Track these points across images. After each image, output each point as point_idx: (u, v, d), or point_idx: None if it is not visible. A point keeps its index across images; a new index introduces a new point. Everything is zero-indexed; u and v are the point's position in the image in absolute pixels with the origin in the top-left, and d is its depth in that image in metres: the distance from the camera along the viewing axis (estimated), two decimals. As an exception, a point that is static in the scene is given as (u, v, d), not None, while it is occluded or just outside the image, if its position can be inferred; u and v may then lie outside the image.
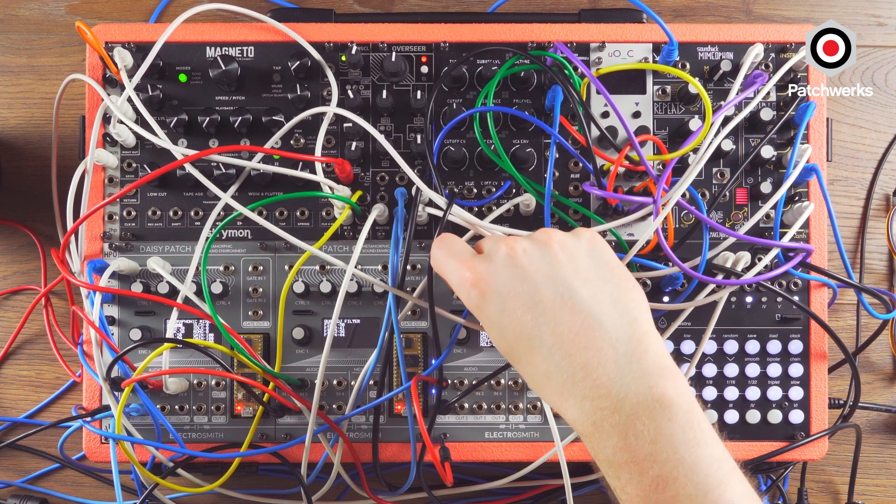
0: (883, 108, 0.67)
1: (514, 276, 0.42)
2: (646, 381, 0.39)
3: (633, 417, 0.38)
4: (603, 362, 0.40)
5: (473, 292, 0.43)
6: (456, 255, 0.45)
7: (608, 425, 0.38)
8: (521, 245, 0.43)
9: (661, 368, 0.40)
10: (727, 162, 0.58)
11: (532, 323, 0.41)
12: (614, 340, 0.40)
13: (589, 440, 0.40)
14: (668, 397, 0.38)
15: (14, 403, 0.66)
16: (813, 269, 0.57)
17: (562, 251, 0.43)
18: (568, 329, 0.40)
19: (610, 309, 0.41)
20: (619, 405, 0.38)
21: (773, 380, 0.58)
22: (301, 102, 0.57)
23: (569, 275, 0.42)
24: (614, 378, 0.39)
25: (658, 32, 0.58)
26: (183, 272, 0.57)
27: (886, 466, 0.67)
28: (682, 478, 0.37)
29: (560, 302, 0.41)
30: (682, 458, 0.37)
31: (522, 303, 0.42)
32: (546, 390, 0.42)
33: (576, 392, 0.40)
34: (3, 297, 0.67)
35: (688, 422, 0.38)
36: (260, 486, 0.63)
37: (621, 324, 0.41)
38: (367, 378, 0.56)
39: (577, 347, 0.40)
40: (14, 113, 0.67)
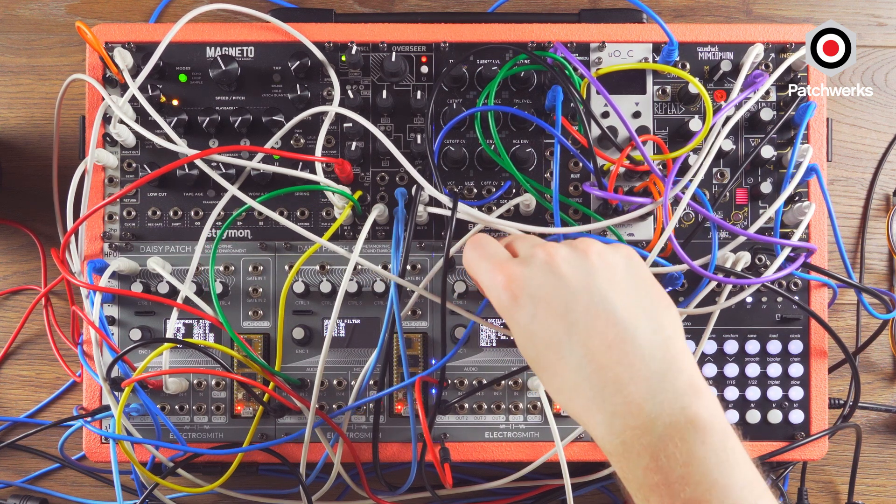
0: (883, 108, 0.67)
1: (550, 283, 0.41)
2: (679, 402, 0.38)
3: (666, 439, 0.37)
4: (635, 379, 0.38)
5: (505, 295, 0.42)
6: (490, 256, 0.44)
7: (639, 445, 0.37)
8: (560, 252, 0.42)
9: (695, 389, 0.38)
10: (727, 162, 0.58)
11: (564, 332, 0.40)
12: (648, 357, 0.39)
13: (617, 459, 0.39)
14: (702, 419, 0.37)
15: (14, 403, 0.66)
16: (813, 269, 0.57)
17: (600, 261, 0.42)
18: (601, 341, 0.39)
19: (645, 324, 0.40)
20: (651, 425, 0.37)
21: (773, 380, 0.58)
22: (301, 102, 0.57)
23: (605, 286, 0.41)
24: (647, 397, 0.38)
25: (658, 32, 0.58)
26: (183, 272, 0.57)
27: (886, 466, 0.67)
28: (715, 501, 0.36)
29: (595, 313, 0.40)
30: (716, 480, 0.36)
31: (555, 310, 0.40)
32: (572, 403, 0.40)
33: (605, 408, 0.38)
34: (3, 297, 0.67)
35: (721, 443, 0.37)
36: (260, 486, 0.63)
37: (655, 340, 0.40)
38: (367, 378, 0.56)
39: (609, 361, 0.39)
40: (14, 113, 0.67)
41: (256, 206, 0.53)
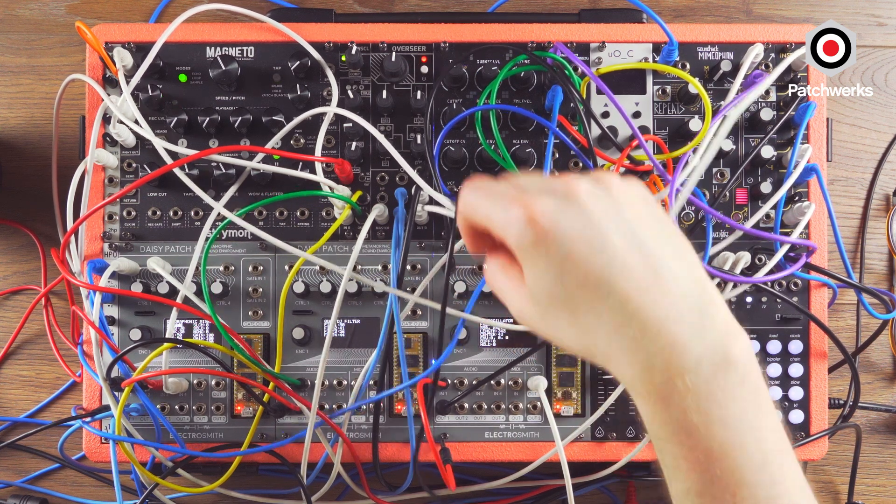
0: (883, 108, 0.67)
1: (578, 217, 0.37)
2: (721, 342, 0.36)
3: (710, 378, 0.35)
4: (679, 317, 0.36)
5: (529, 232, 0.37)
6: (499, 193, 0.39)
7: (682, 385, 0.35)
8: (582, 185, 0.38)
9: (733, 329, 0.37)
10: (727, 162, 0.58)
11: (602, 270, 0.37)
12: (687, 294, 0.37)
13: (653, 402, 0.37)
14: (742, 360, 0.36)
15: (14, 403, 0.66)
16: (813, 268, 0.57)
17: (624, 196, 0.38)
18: (638, 280, 0.36)
19: (677, 261, 0.38)
20: (696, 364, 0.36)
21: (773, 380, 0.58)
22: (301, 102, 0.57)
23: (634, 219, 0.38)
24: (691, 334, 0.36)
25: (658, 32, 0.58)
26: (183, 272, 0.57)
27: (886, 466, 0.67)
28: (750, 445, 0.36)
29: (629, 247, 0.37)
30: (751, 424, 0.36)
31: (590, 248, 0.37)
32: (607, 348, 0.38)
33: (647, 348, 0.36)
34: (3, 297, 0.67)
35: (757, 387, 0.36)
36: (260, 487, 0.63)
37: (690, 279, 0.37)
38: (367, 378, 0.56)
39: (648, 300, 0.36)
40: (14, 113, 0.67)
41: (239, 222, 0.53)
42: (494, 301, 0.58)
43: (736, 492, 0.35)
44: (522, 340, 0.58)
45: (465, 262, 0.58)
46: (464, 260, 0.58)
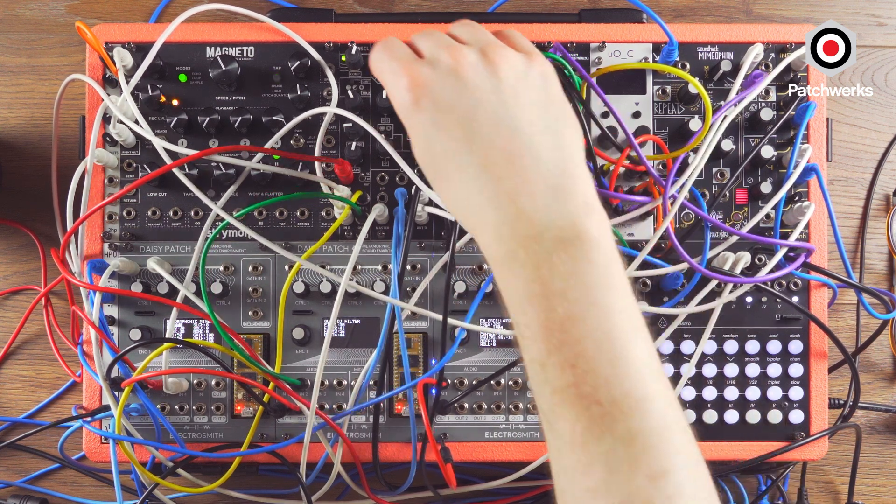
0: (883, 108, 0.67)
1: (454, 90, 0.40)
2: (570, 216, 0.38)
3: (552, 250, 0.37)
4: (530, 191, 0.38)
5: (407, 97, 0.40)
6: (396, 57, 0.42)
7: (524, 255, 0.37)
8: (468, 57, 0.41)
9: (588, 206, 0.39)
10: (727, 162, 0.58)
11: (464, 140, 0.39)
12: (545, 171, 0.39)
13: (500, 269, 0.38)
14: (591, 235, 0.37)
15: (14, 403, 0.66)
16: (813, 268, 0.57)
17: (511, 73, 0.41)
18: (500, 152, 0.39)
19: (547, 139, 0.40)
20: (539, 236, 0.37)
21: (773, 380, 0.58)
22: (301, 102, 0.57)
23: (511, 97, 0.40)
24: (539, 208, 0.38)
25: (658, 32, 0.58)
26: (183, 272, 0.57)
27: (886, 466, 0.67)
28: (592, 320, 0.36)
29: (496, 125, 0.39)
30: (595, 300, 0.36)
31: (457, 118, 0.39)
32: (466, 212, 0.40)
33: (497, 216, 0.38)
34: (3, 297, 0.67)
35: (606, 265, 0.37)
36: (260, 486, 0.63)
37: (555, 156, 0.39)
38: (367, 378, 0.56)
39: (506, 172, 0.38)
40: (14, 113, 0.67)
41: (238, 225, 0.54)
42: (495, 302, 0.58)
43: (575, 364, 0.36)
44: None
45: (466, 262, 0.58)
46: (464, 260, 0.58)
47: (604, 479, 0.35)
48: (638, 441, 0.35)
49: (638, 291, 0.58)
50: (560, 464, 0.37)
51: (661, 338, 0.57)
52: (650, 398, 0.36)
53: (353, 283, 0.55)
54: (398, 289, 0.53)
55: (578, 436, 0.35)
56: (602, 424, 0.35)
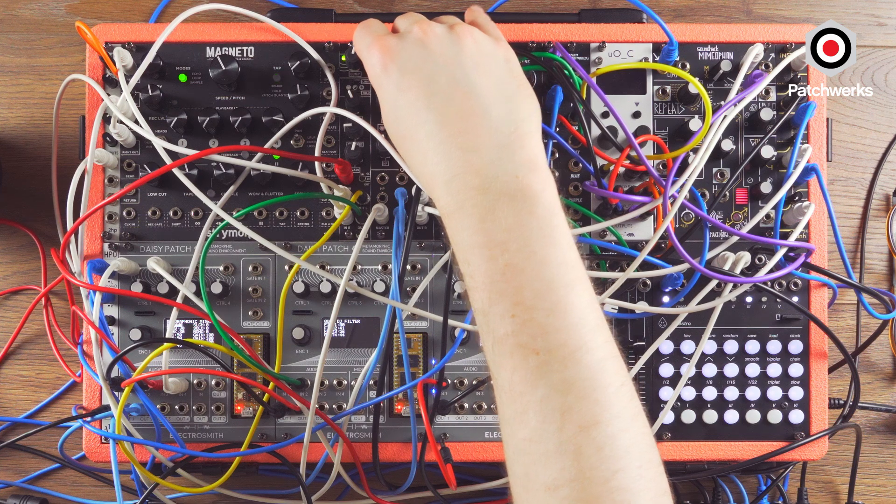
0: (883, 108, 0.67)
1: (418, 56, 0.44)
2: (515, 171, 0.40)
3: (496, 202, 0.39)
4: (480, 147, 0.41)
5: (377, 63, 0.45)
6: (372, 32, 0.47)
7: (470, 206, 0.40)
8: (435, 30, 0.45)
9: (533, 164, 0.41)
10: (727, 162, 0.58)
11: (423, 99, 0.43)
12: (496, 131, 0.42)
13: (450, 221, 0.41)
14: (533, 190, 0.40)
15: (14, 403, 0.66)
16: (813, 268, 0.57)
17: (473, 45, 0.45)
18: (455, 111, 0.42)
19: (501, 104, 0.43)
20: (485, 188, 0.40)
21: (773, 380, 0.58)
22: (301, 102, 0.57)
23: (470, 66, 0.44)
24: (486, 163, 0.40)
25: (658, 32, 0.58)
26: (183, 272, 0.57)
27: (886, 466, 0.67)
28: (531, 270, 0.38)
29: (454, 86, 0.43)
30: (534, 251, 0.38)
31: (418, 81, 0.43)
32: (423, 170, 0.43)
33: (448, 170, 0.41)
34: (3, 297, 0.67)
35: (547, 219, 0.39)
36: (260, 486, 0.63)
37: (508, 119, 0.43)
38: (367, 378, 0.56)
39: (459, 129, 0.42)
40: (14, 113, 0.67)
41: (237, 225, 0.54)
42: (494, 301, 0.58)
43: (514, 314, 0.37)
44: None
45: (465, 262, 0.58)
46: (464, 260, 0.58)
47: (537, 427, 0.36)
48: (572, 390, 0.36)
49: (638, 291, 0.58)
50: (502, 415, 0.38)
51: (661, 338, 0.57)
52: (587, 348, 0.37)
53: (353, 284, 0.55)
54: (398, 289, 0.53)
55: (517, 385, 0.37)
56: (537, 373, 0.36)
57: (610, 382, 0.37)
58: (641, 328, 0.58)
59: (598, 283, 0.57)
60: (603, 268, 0.57)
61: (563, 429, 0.36)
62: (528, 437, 0.36)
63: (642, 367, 0.57)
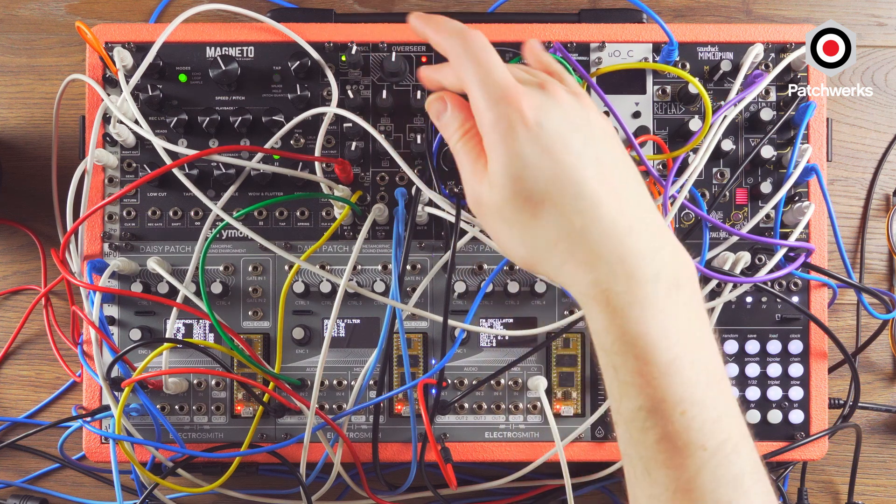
0: (883, 108, 0.67)
1: (565, 120, 0.38)
2: (674, 261, 0.38)
3: (666, 293, 0.37)
4: (641, 232, 0.37)
5: (513, 116, 0.38)
6: (504, 78, 0.39)
7: (642, 295, 0.36)
8: (566, 96, 0.40)
9: (684, 254, 0.39)
10: (727, 162, 0.58)
11: (577, 170, 0.37)
12: (646, 215, 0.38)
13: (606, 310, 0.37)
14: (691, 283, 0.38)
15: (14, 403, 0.66)
16: (813, 268, 0.57)
17: (596, 120, 0.40)
18: (612, 188, 0.38)
19: (639, 188, 0.40)
20: (655, 277, 0.37)
21: (772, 380, 0.58)
22: (301, 102, 0.57)
23: (607, 144, 0.40)
24: (651, 250, 0.37)
25: (658, 32, 0.58)
26: (183, 272, 0.57)
27: (886, 466, 0.67)
28: (700, 363, 0.37)
29: (602, 162, 0.38)
30: (701, 342, 0.37)
31: (569, 148, 0.38)
32: (557, 249, 0.38)
33: (610, 253, 0.37)
34: (3, 297, 0.67)
35: (703, 311, 0.39)
36: (260, 486, 0.63)
37: (648, 203, 0.39)
38: (367, 378, 0.56)
39: (619, 208, 0.37)
40: (14, 113, 0.67)
41: (237, 225, 0.54)
42: (495, 301, 0.58)
43: (686, 409, 0.36)
44: (522, 341, 0.58)
45: (466, 262, 0.58)
46: (464, 260, 0.58)
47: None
48: (743, 482, 0.36)
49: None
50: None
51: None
52: (745, 435, 0.37)
53: (353, 284, 0.55)
54: (398, 289, 0.53)
55: (683, 484, 0.36)
56: (707, 470, 0.36)
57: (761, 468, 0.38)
58: (641, 328, 0.58)
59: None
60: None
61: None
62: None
63: (642, 367, 0.57)
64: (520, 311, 0.58)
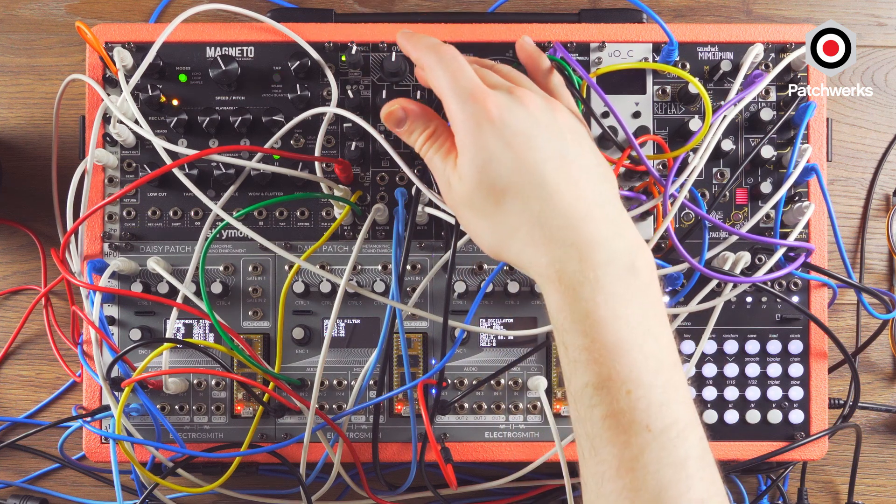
0: (883, 108, 0.67)
1: (528, 118, 0.42)
2: (629, 249, 0.41)
3: (618, 278, 0.39)
4: (598, 219, 0.41)
5: (479, 113, 0.42)
6: (471, 79, 0.43)
7: (593, 278, 0.39)
8: (535, 98, 0.44)
9: (641, 243, 0.42)
10: (727, 162, 0.58)
11: (538, 162, 0.41)
12: (605, 205, 0.42)
13: (560, 290, 0.40)
14: (646, 271, 0.41)
15: (14, 403, 0.66)
16: (813, 268, 0.57)
17: (563, 120, 0.44)
18: (571, 180, 0.41)
19: (601, 183, 0.43)
20: (607, 263, 0.40)
21: (772, 380, 0.58)
22: (301, 102, 0.57)
23: (572, 141, 0.43)
24: (607, 237, 0.40)
25: (658, 32, 0.58)
26: (183, 272, 0.57)
27: (886, 466, 0.67)
28: (648, 347, 0.39)
29: (564, 156, 0.42)
30: (650, 329, 0.39)
31: (531, 143, 0.42)
32: (520, 235, 0.42)
33: (566, 238, 0.40)
34: (3, 297, 0.67)
35: (657, 299, 0.41)
36: (260, 486, 0.63)
37: (609, 195, 0.43)
38: (367, 378, 0.56)
39: (577, 196, 0.41)
40: (14, 113, 0.67)
41: (237, 225, 0.54)
42: (495, 301, 0.58)
43: (631, 390, 0.38)
44: (522, 341, 0.58)
45: (466, 261, 0.58)
46: (464, 260, 0.58)
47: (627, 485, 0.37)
48: (687, 466, 0.37)
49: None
50: (600, 490, 0.39)
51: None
52: (695, 423, 0.39)
53: (353, 284, 0.55)
54: (398, 289, 0.53)
55: (627, 461, 0.37)
56: (651, 450, 0.37)
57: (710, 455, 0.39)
58: (641, 328, 0.58)
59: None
60: (603, 268, 0.57)
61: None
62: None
63: (642, 367, 0.57)
64: (520, 311, 0.58)
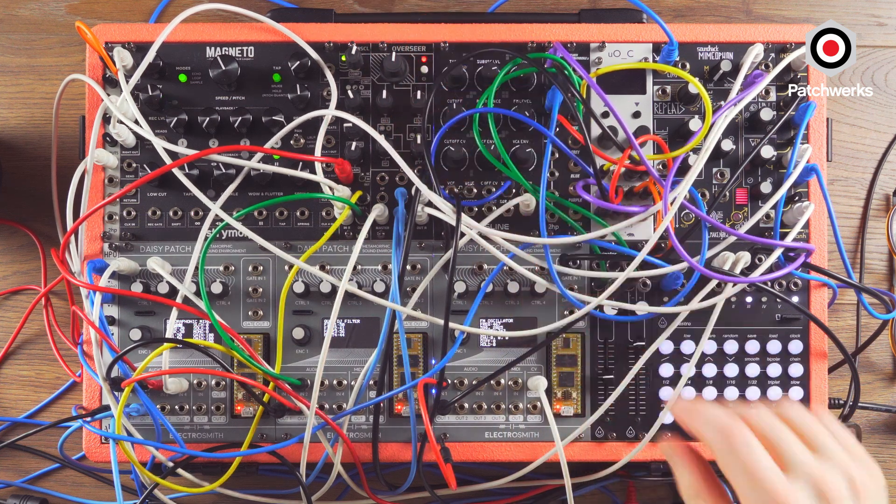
0: (883, 108, 0.67)
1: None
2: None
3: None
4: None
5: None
6: (759, 460, 0.39)
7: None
8: (837, 484, 0.39)
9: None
10: (727, 162, 0.58)
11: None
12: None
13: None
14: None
15: (14, 403, 0.66)
16: (813, 268, 0.57)
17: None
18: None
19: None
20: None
21: (773, 380, 0.58)
22: (301, 102, 0.57)
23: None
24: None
25: (658, 32, 0.58)
26: (183, 272, 0.57)
27: (886, 466, 0.67)
28: None
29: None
30: None
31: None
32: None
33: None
34: (3, 297, 0.67)
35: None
36: (260, 486, 0.63)
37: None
38: (367, 378, 0.56)
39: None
40: (14, 113, 0.67)
41: (236, 225, 0.54)
42: (494, 301, 0.58)
43: None
44: (522, 341, 0.58)
45: (466, 262, 0.58)
46: (464, 260, 0.58)
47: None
48: None
49: (638, 292, 0.58)
50: None
51: (661, 338, 0.57)
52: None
53: (353, 285, 0.55)
54: (398, 289, 0.53)
55: None
56: None
57: None
58: (641, 328, 0.58)
59: (599, 283, 0.58)
60: (603, 268, 0.57)
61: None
62: None
63: (642, 367, 0.57)
64: (520, 311, 0.58)
